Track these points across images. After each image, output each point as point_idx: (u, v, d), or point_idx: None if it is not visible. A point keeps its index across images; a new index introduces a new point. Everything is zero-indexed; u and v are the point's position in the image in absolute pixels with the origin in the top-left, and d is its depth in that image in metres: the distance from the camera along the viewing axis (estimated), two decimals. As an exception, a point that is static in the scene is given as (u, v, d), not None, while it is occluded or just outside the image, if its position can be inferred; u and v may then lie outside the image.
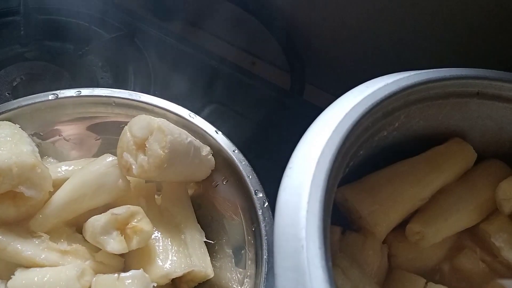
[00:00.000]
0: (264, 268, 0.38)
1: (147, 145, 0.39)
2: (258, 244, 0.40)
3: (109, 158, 0.41)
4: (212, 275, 0.40)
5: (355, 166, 0.37)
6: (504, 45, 0.52)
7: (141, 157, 0.39)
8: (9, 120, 0.45)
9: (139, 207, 0.38)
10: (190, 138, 0.42)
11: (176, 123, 0.45)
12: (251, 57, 0.72)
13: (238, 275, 0.41)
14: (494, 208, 0.40)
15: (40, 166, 0.37)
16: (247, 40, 0.70)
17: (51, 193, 0.39)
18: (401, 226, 0.39)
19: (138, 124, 0.40)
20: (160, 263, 0.37)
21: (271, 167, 0.44)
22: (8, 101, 0.56)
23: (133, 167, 0.39)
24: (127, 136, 0.40)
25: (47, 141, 0.48)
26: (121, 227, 0.37)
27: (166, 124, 0.40)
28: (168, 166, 0.39)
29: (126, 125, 0.48)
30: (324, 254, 0.25)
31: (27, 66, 0.61)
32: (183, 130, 0.42)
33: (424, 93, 0.36)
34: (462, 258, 0.40)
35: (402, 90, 0.34)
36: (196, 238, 0.41)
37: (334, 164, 0.29)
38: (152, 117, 0.41)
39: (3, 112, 0.45)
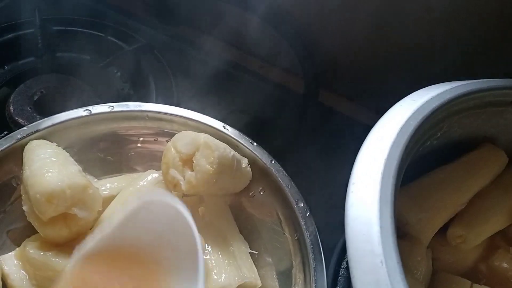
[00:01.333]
0: (313, 277, 0.40)
1: (194, 161, 0.40)
2: (304, 253, 0.41)
3: (155, 175, 0.41)
4: (260, 285, 0.41)
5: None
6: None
7: (189, 173, 0.40)
8: (43, 138, 0.44)
9: (190, 222, 0.39)
10: (233, 151, 0.42)
11: (210, 135, 0.45)
12: (264, 63, 0.73)
13: (281, 283, 0.42)
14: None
15: (91, 187, 0.37)
16: (263, 48, 0.70)
17: (100, 212, 0.39)
18: (441, 230, 0.41)
19: (182, 140, 0.41)
20: (215, 277, 0.38)
21: (296, 174, 0.46)
22: (31, 115, 0.56)
23: (181, 183, 0.40)
24: (172, 152, 0.41)
25: (81, 157, 0.48)
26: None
27: (211, 140, 0.40)
28: (216, 181, 0.39)
29: (159, 138, 0.48)
30: (402, 268, 0.26)
31: (46, 79, 0.60)
32: (225, 144, 0.43)
33: (466, 104, 0.37)
34: (497, 258, 0.42)
35: (447, 102, 0.36)
36: (242, 250, 0.42)
37: (397, 179, 0.30)
38: (197, 133, 0.41)
39: (37, 131, 0.44)
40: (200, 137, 0.40)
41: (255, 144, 0.46)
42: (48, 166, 0.37)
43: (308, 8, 0.65)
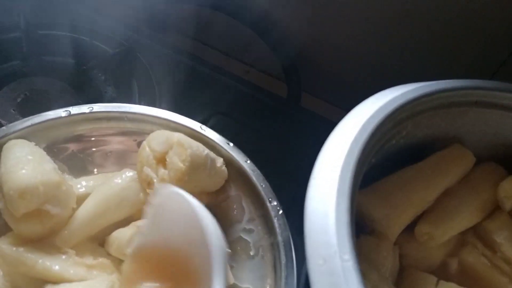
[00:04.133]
0: (283, 273, 0.40)
1: (167, 159, 0.41)
2: (276, 250, 0.42)
3: (129, 173, 0.42)
4: (232, 282, 0.42)
5: (366, 172, 0.39)
6: (489, 54, 0.55)
7: (162, 170, 0.41)
8: (22, 138, 0.45)
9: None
10: (207, 150, 0.43)
11: (188, 136, 0.46)
12: (248, 67, 0.74)
13: (258, 280, 0.43)
14: (492, 208, 0.44)
15: (64, 184, 0.38)
16: (245, 51, 0.72)
17: (74, 209, 0.40)
18: (409, 227, 0.42)
19: (157, 139, 0.42)
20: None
21: (275, 174, 0.47)
22: (14, 117, 0.57)
23: (154, 180, 0.41)
24: (146, 151, 0.42)
25: (59, 157, 0.48)
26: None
27: (184, 138, 0.41)
28: (189, 179, 0.40)
29: (138, 138, 0.49)
30: (355, 258, 0.27)
31: (30, 82, 0.61)
32: (199, 143, 0.44)
33: (429, 103, 0.39)
34: (465, 253, 0.43)
35: (410, 101, 0.37)
36: (215, 247, 0.43)
37: (355, 173, 0.31)
38: (171, 132, 0.42)
39: (16, 131, 0.45)
40: (173, 136, 0.41)
41: (231, 144, 0.47)
42: (23, 163, 0.38)
43: (293, 13, 0.66)
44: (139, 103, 0.61)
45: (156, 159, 0.41)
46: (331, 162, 0.32)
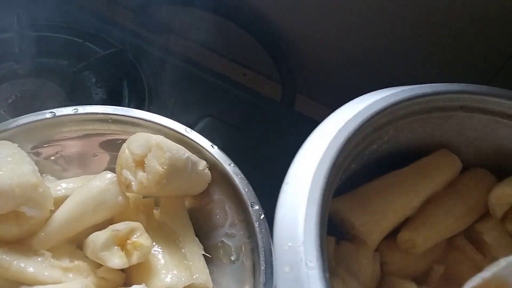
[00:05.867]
0: (262, 279, 0.40)
1: (146, 162, 0.40)
2: (256, 255, 0.41)
3: (108, 175, 0.42)
4: (211, 287, 0.42)
5: (347, 178, 0.39)
6: (486, 60, 0.54)
7: (140, 173, 0.40)
8: (7, 139, 0.45)
9: (139, 223, 0.39)
10: (188, 153, 0.43)
11: (172, 138, 0.46)
12: (243, 69, 0.74)
13: (236, 285, 0.43)
14: (479, 215, 0.42)
15: (41, 186, 0.38)
16: (239, 53, 0.71)
17: (52, 211, 0.40)
18: (393, 234, 0.41)
19: (136, 142, 0.41)
20: (162, 277, 0.38)
21: (265, 179, 0.46)
22: (4, 118, 0.57)
23: (133, 183, 0.40)
24: (125, 153, 0.42)
25: (44, 158, 0.48)
26: (122, 243, 0.38)
27: (164, 141, 0.41)
28: (167, 182, 0.40)
29: (123, 141, 0.49)
30: (321, 266, 0.27)
31: (21, 83, 0.62)
32: (181, 146, 0.43)
33: (411, 108, 0.38)
34: (452, 259, 0.42)
35: (390, 106, 0.36)
36: (195, 251, 0.42)
37: (328, 180, 0.31)
38: (150, 135, 0.42)
39: (1, 132, 0.45)
40: (153, 138, 0.41)
41: (215, 147, 0.47)
42: (1, 165, 0.38)
43: (287, 16, 0.66)
44: (129, 105, 0.61)
45: (135, 161, 0.41)
46: (304, 167, 0.31)
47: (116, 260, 0.37)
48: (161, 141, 0.40)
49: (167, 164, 0.39)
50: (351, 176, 0.38)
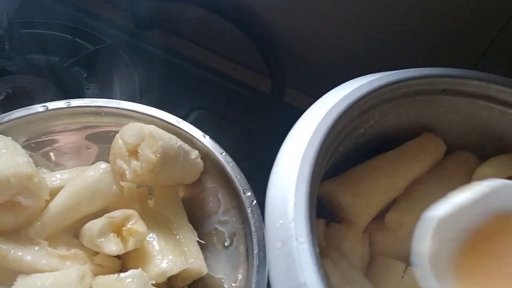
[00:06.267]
0: (255, 262, 0.41)
1: (139, 151, 0.41)
2: (249, 240, 0.42)
3: (103, 165, 0.43)
4: (206, 272, 0.42)
5: (335, 162, 0.40)
6: (470, 45, 0.56)
7: (134, 162, 0.41)
8: (1, 133, 0.46)
9: (134, 210, 0.40)
10: (180, 142, 0.44)
11: (164, 129, 0.46)
12: (232, 63, 0.75)
13: (231, 270, 0.44)
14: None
15: (37, 176, 0.39)
16: (228, 47, 0.72)
17: (48, 201, 0.41)
18: (380, 216, 0.42)
19: (129, 131, 0.42)
20: (157, 262, 0.39)
21: (256, 168, 0.47)
22: (-4, 114, 0.58)
23: (127, 172, 0.41)
24: (119, 143, 0.42)
25: (38, 152, 0.49)
26: (117, 230, 0.39)
27: (156, 130, 0.42)
28: (160, 170, 0.41)
29: (116, 133, 0.50)
30: (311, 241, 0.28)
31: (13, 80, 0.62)
32: (173, 136, 0.44)
33: (395, 92, 0.39)
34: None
35: (375, 90, 0.37)
36: (189, 238, 0.43)
37: (317, 160, 0.32)
38: (143, 124, 0.43)
39: (-5, 125, 0.46)
40: (145, 128, 0.42)
41: (207, 137, 0.48)
42: (-5, 156, 0.39)
43: (275, 8, 0.67)
44: (120, 99, 0.62)
45: (129, 151, 0.42)
46: (293, 149, 0.32)
47: (112, 246, 0.38)
48: (153, 130, 0.41)
49: (160, 152, 0.40)
50: (339, 159, 0.40)
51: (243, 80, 0.71)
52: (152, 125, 0.43)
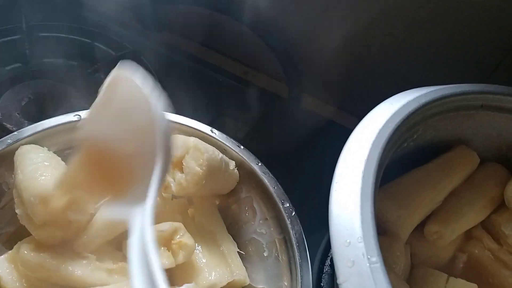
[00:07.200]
0: (299, 272, 0.41)
1: (184, 163, 0.41)
2: (290, 251, 0.43)
3: (146, 177, 0.42)
4: (248, 282, 0.43)
5: (379, 175, 0.41)
6: (486, 54, 0.57)
7: (179, 175, 0.41)
8: (33, 143, 0.45)
9: (180, 223, 0.40)
10: (221, 154, 0.44)
11: (199, 139, 0.47)
12: (249, 69, 0.75)
13: (272, 280, 0.44)
14: (496, 206, 0.46)
15: (83, 189, 0.38)
16: (248, 56, 0.72)
17: (92, 215, 0.40)
18: (418, 227, 0.43)
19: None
20: (206, 275, 0.40)
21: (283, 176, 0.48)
22: (19, 121, 0.57)
23: (172, 184, 0.41)
24: (162, 155, 0.42)
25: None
26: (166, 243, 0.39)
27: (201, 143, 0.42)
28: (205, 182, 0.41)
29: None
30: (382, 259, 0.28)
31: (34, 85, 0.60)
32: (213, 147, 0.44)
33: (440, 107, 0.40)
34: (471, 248, 0.45)
35: (422, 106, 0.38)
36: (231, 249, 0.44)
37: (376, 178, 0.32)
38: (186, 136, 0.43)
39: (29, 136, 0.45)
40: (190, 140, 0.42)
41: (242, 147, 0.48)
42: (41, 170, 0.38)
43: (292, 15, 0.67)
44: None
45: (173, 163, 0.42)
46: (352, 166, 0.33)
47: (164, 260, 0.38)
48: (198, 143, 0.41)
49: (205, 165, 0.41)
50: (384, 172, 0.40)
51: (261, 85, 0.71)
52: (195, 138, 0.43)
